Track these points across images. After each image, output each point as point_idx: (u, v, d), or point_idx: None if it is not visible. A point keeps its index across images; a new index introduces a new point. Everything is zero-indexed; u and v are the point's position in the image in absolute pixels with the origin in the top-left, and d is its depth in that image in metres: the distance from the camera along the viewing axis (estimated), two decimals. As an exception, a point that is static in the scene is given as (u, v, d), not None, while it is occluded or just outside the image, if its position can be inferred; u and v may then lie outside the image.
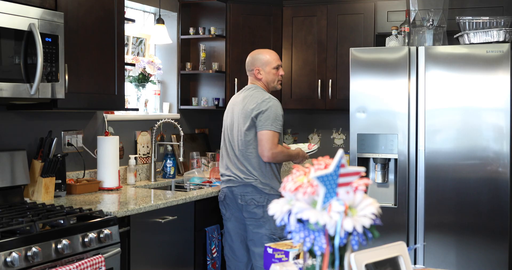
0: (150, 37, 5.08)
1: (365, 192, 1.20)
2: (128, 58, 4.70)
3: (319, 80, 5.08)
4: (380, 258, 1.59)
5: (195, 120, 5.50)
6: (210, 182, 4.73)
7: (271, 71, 4.07)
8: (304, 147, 4.26)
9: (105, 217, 3.22)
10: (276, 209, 1.17)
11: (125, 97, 4.13)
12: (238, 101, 4.08)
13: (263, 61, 4.07)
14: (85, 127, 4.24)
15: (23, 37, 3.12)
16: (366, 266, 1.55)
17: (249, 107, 3.93)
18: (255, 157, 3.91)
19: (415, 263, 4.17)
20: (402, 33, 4.47)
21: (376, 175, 4.41)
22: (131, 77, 4.76)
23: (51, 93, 3.29)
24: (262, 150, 3.87)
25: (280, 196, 3.45)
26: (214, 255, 4.14)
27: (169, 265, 3.85)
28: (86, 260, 2.91)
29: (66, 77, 3.44)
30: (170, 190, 4.72)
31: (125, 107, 4.13)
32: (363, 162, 4.43)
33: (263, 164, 3.92)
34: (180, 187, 4.79)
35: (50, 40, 3.27)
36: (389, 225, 4.27)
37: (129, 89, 4.76)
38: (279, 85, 4.17)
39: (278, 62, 4.09)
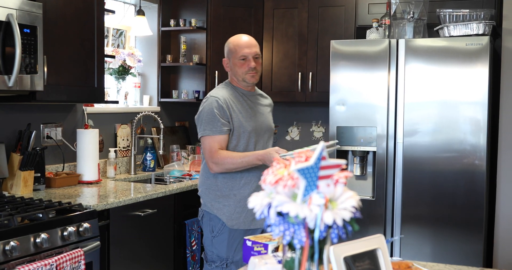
0: (130, 29, 5.05)
1: (345, 184, 1.20)
2: (108, 50, 4.67)
3: (300, 73, 5.08)
4: (358, 250, 1.59)
5: (175, 113, 5.47)
6: (190, 175, 4.72)
7: (236, 62, 3.36)
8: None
9: (85, 211, 3.20)
10: (256, 202, 1.17)
11: (105, 89, 4.10)
12: None
13: (228, 50, 3.45)
14: (64, 120, 4.21)
15: (0, 28, 3.08)
16: (345, 259, 1.55)
17: None
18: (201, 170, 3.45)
19: (392, 255, 4.20)
20: (383, 25, 4.47)
21: (355, 167, 4.43)
22: (111, 70, 4.73)
23: (29, 85, 3.26)
24: (205, 162, 3.33)
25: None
26: (194, 248, 4.14)
27: (149, 258, 3.84)
28: (65, 254, 2.89)
29: (45, 69, 3.40)
30: (150, 183, 4.71)
31: (105, 99, 4.11)
32: (342, 154, 4.44)
33: (204, 178, 3.39)
34: (160, 180, 4.77)
35: (28, 31, 3.23)
36: (367, 217, 4.29)
37: (109, 81, 4.73)
38: (250, 78, 3.36)
39: (243, 52, 3.34)
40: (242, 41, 3.41)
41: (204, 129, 3.24)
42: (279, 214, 1.16)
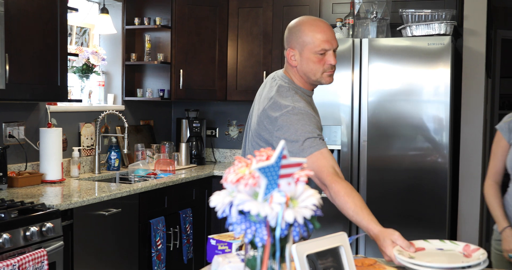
0: (94, 27, 5.01)
1: (306, 183, 1.21)
2: (71, 48, 4.62)
3: (264, 72, 5.10)
4: (321, 248, 1.61)
5: (140, 111, 5.45)
6: (155, 174, 4.71)
7: (311, 57, 2.50)
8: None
9: (48, 210, 3.17)
10: (217, 201, 1.17)
11: (69, 88, 4.06)
12: None
13: (298, 39, 2.52)
14: (27, 118, 4.16)
15: (-40, 26, 3.03)
16: (308, 256, 1.57)
17: None
18: None
19: (357, 253, 4.24)
20: (347, 25, 4.51)
21: (321, 166, 4.45)
22: (74, 68, 4.68)
23: (-10, 84, 3.21)
24: None
25: None
26: (159, 247, 4.12)
27: (114, 258, 3.82)
28: (28, 254, 2.86)
29: (7, 67, 3.36)
30: (115, 182, 4.68)
31: (68, 98, 4.07)
32: (308, 153, 4.46)
33: None
34: (124, 179, 4.75)
35: (-11, 29, 3.19)
36: (333, 215, 4.31)
37: (73, 80, 4.68)
38: (328, 79, 2.57)
39: (325, 45, 2.48)
40: (321, 28, 2.51)
41: None
42: (241, 212, 1.16)
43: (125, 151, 4.67)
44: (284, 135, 2.35)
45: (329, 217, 4.31)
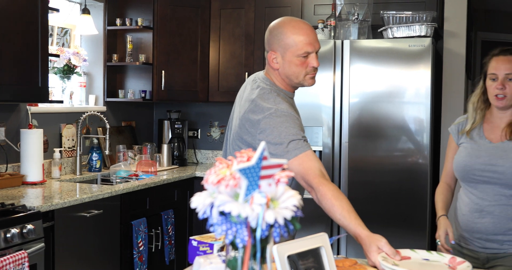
0: (75, 28, 4.99)
1: (286, 184, 1.22)
2: (52, 49, 4.60)
3: (246, 73, 5.10)
4: (302, 249, 1.62)
5: (121, 112, 5.43)
6: (137, 175, 4.70)
7: (294, 60, 2.45)
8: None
9: (28, 212, 3.15)
10: (198, 202, 1.18)
11: (50, 89, 4.04)
12: None
13: (285, 42, 2.46)
14: (7, 119, 4.13)
15: None
16: (290, 257, 1.57)
17: None
18: None
19: (338, 253, 4.25)
20: (328, 26, 4.53)
21: (302, 167, 4.46)
22: (55, 69, 4.66)
23: (-30, 85, 3.19)
24: None
25: None
26: (141, 249, 4.11)
27: (95, 259, 3.81)
28: (8, 256, 2.84)
29: (-13, 68, 3.34)
30: (96, 183, 4.66)
31: (49, 99, 4.05)
32: (290, 154, 4.47)
33: None
34: (106, 180, 4.73)
35: (-31, 29, 3.16)
36: (314, 216, 4.33)
37: (54, 80, 4.66)
38: (311, 81, 2.53)
39: (308, 48, 2.44)
40: (304, 31, 2.46)
41: None
42: (222, 213, 1.17)
43: (107, 152, 4.65)
44: (267, 138, 2.32)
45: (310, 218, 4.32)
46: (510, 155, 2.55)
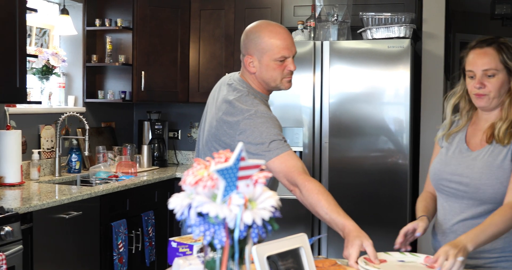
0: (54, 28, 4.96)
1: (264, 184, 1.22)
2: (31, 49, 4.57)
3: (227, 74, 5.07)
4: (281, 249, 1.62)
5: (101, 113, 5.40)
6: (117, 176, 4.67)
7: (270, 64, 2.47)
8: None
9: (6, 214, 3.13)
10: (176, 203, 1.17)
11: (28, 89, 4.01)
12: None
13: (261, 47, 2.47)
14: (-16, 120, 4.10)
15: None
16: (270, 257, 1.58)
17: None
18: None
19: (319, 254, 4.26)
20: (308, 27, 4.54)
21: (282, 168, 4.46)
22: (34, 69, 4.62)
23: None
24: None
25: None
26: (121, 250, 4.09)
27: (75, 261, 3.78)
28: (-15, 258, 2.82)
29: (-36, 68, 3.30)
30: (76, 185, 4.63)
31: (28, 100, 4.02)
32: (270, 155, 4.47)
33: None
34: (86, 181, 4.70)
35: None
36: (295, 217, 4.34)
37: (32, 81, 4.62)
38: (288, 84, 2.55)
39: (285, 52, 2.46)
40: (281, 35, 2.48)
41: None
42: (200, 214, 1.17)
43: (86, 153, 4.63)
44: (248, 139, 2.33)
45: (290, 218, 4.33)
46: (478, 164, 2.22)
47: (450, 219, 2.30)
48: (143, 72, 5.10)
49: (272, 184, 2.50)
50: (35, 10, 4.16)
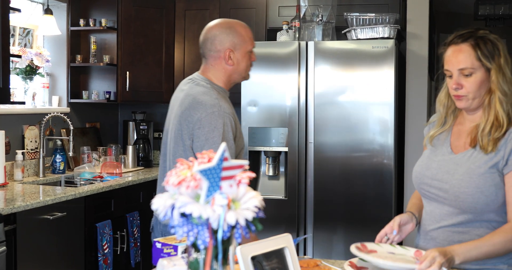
0: (38, 28, 4.93)
1: (249, 185, 1.22)
2: (14, 49, 4.54)
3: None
4: (266, 250, 1.62)
5: (85, 114, 5.38)
6: (102, 177, 4.65)
7: (244, 55, 2.62)
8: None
9: (-11, 215, 3.11)
10: (159, 203, 1.17)
11: (11, 90, 3.98)
12: None
13: (238, 40, 2.60)
14: (-33, 121, 4.07)
15: None
16: (255, 258, 1.58)
17: None
18: None
19: (305, 254, 4.27)
20: (293, 28, 4.54)
21: (267, 168, 4.48)
22: (17, 69, 4.59)
23: None
24: None
25: None
26: (106, 251, 4.08)
27: (59, 263, 3.76)
28: (-32, 259, 2.80)
29: None
30: (60, 185, 4.61)
31: (11, 100, 3.99)
32: (254, 155, 4.48)
33: None
34: (70, 182, 4.68)
35: None
36: (280, 217, 4.35)
37: (16, 81, 4.59)
38: (249, 75, 2.72)
39: (253, 43, 2.67)
40: (248, 28, 2.67)
41: None
42: (183, 215, 1.16)
43: (71, 154, 4.60)
44: (206, 135, 2.46)
45: (275, 218, 4.33)
46: (459, 170, 2.09)
47: (430, 224, 2.20)
48: (127, 72, 5.09)
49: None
50: (19, 10, 4.13)
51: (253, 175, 1.21)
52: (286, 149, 4.37)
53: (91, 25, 5.10)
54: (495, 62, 2.04)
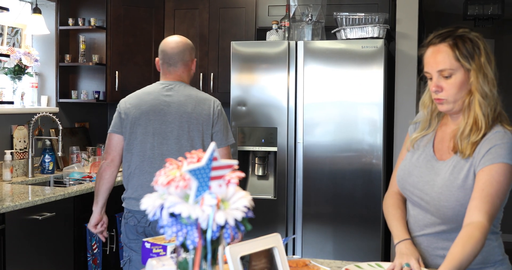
0: (26, 27, 4.90)
1: (238, 185, 1.22)
2: (2, 48, 4.52)
3: (201, 74, 5.09)
4: (255, 250, 1.62)
5: (74, 113, 5.36)
6: (91, 177, 4.64)
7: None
8: None
9: (-22, 215, 3.09)
10: (148, 203, 1.17)
11: (0, 89, 3.96)
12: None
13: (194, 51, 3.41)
14: (-45, 121, 4.04)
15: None
16: (244, 258, 1.57)
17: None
18: None
19: (294, 254, 4.27)
20: (283, 27, 4.55)
21: (256, 168, 4.48)
22: (6, 69, 4.57)
23: None
24: None
25: None
26: (95, 251, 4.07)
27: (48, 263, 3.75)
28: (-44, 260, 2.78)
29: None
30: (49, 185, 4.59)
31: (0, 100, 3.97)
32: (243, 155, 4.48)
33: None
34: (59, 182, 4.66)
35: None
36: (269, 217, 4.35)
37: (4, 81, 4.57)
38: None
39: None
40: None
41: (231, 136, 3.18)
42: (172, 215, 1.16)
43: (60, 154, 4.59)
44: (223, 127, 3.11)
45: (266, 219, 4.33)
46: (438, 182, 2.03)
47: (415, 230, 2.12)
48: (117, 72, 5.07)
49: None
50: (7, 9, 4.12)
51: (242, 175, 1.21)
52: (275, 149, 4.37)
53: (80, 25, 5.08)
54: (474, 62, 1.96)
